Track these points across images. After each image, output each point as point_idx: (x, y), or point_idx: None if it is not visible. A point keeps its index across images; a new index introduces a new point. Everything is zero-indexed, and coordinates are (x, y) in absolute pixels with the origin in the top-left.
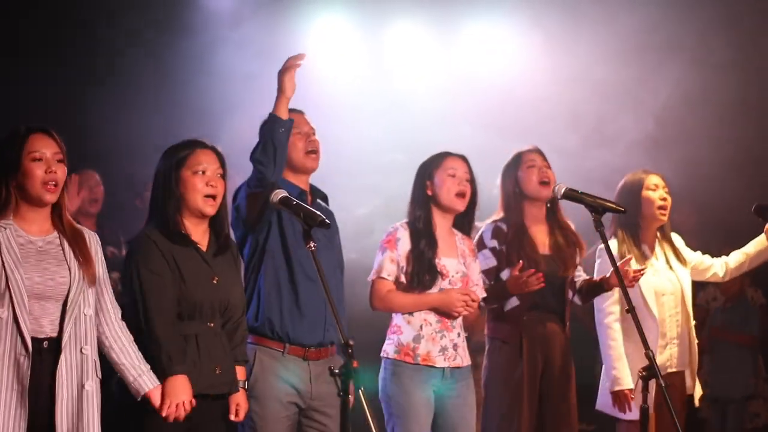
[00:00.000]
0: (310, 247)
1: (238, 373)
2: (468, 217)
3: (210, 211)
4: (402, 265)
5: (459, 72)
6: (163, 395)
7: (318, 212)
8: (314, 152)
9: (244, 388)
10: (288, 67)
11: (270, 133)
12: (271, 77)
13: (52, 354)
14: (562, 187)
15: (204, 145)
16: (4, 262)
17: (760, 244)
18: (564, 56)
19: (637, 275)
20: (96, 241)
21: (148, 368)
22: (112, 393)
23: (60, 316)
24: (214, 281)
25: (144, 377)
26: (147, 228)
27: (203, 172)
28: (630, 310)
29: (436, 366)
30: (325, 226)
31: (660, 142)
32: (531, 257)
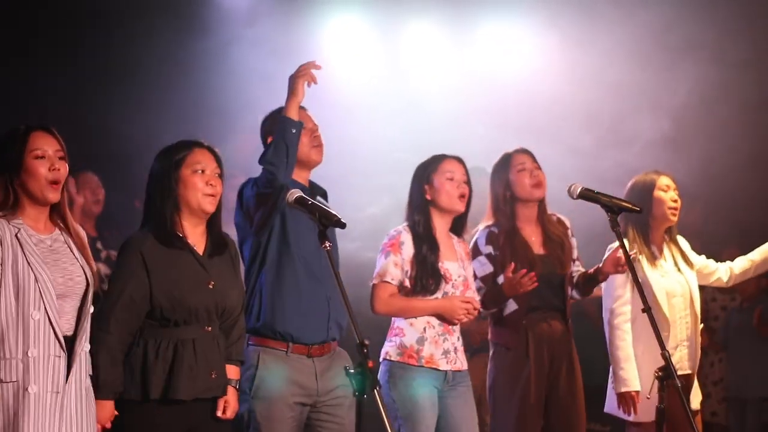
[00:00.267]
0: (326, 247)
1: (232, 372)
2: (464, 219)
3: (210, 208)
4: (406, 269)
5: (474, 72)
6: None
7: (334, 212)
8: (319, 146)
9: (235, 387)
10: (302, 74)
11: (282, 133)
12: (286, 76)
13: (71, 353)
14: (578, 187)
15: (201, 145)
16: (30, 263)
17: (766, 251)
18: (580, 56)
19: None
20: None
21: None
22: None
23: (75, 315)
24: (210, 285)
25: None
26: (140, 232)
27: (202, 171)
28: (646, 309)
29: (440, 369)
30: (341, 225)
31: (676, 142)
32: (526, 259)
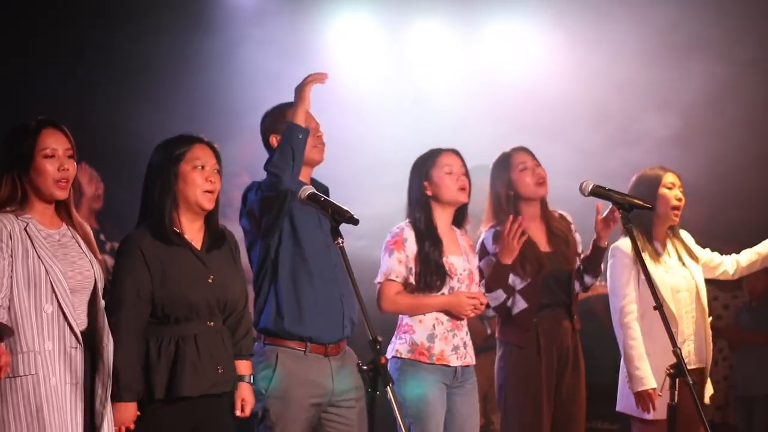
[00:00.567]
0: (338, 243)
1: (244, 367)
2: (465, 210)
3: (209, 205)
4: (411, 266)
5: (481, 71)
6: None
7: (346, 208)
8: (320, 145)
9: (249, 383)
10: (309, 81)
11: (288, 139)
12: (294, 75)
13: (89, 347)
14: (590, 184)
15: (201, 140)
16: (41, 257)
17: None
18: (586, 55)
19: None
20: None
21: None
22: None
23: (87, 309)
24: (210, 280)
25: None
26: (138, 231)
27: (202, 167)
28: (658, 306)
29: (450, 365)
30: (354, 222)
31: (684, 141)
32: (534, 257)
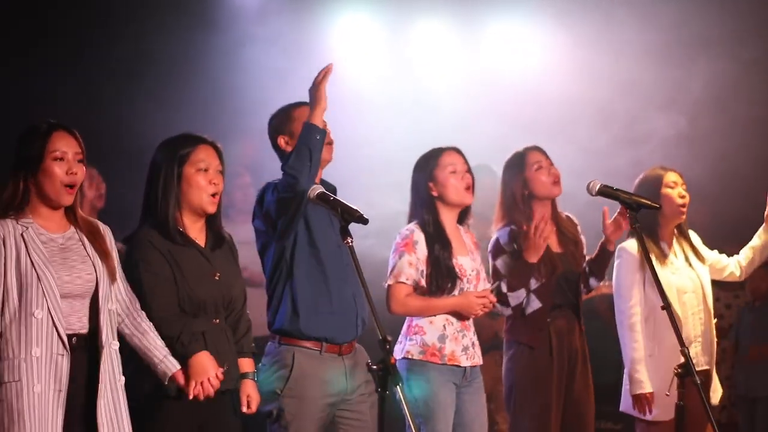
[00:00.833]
0: (348, 243)
1: (247, 364)
2: (468, 208)
3: (212, 209)
4: (422, 269)
5: (483, 71)
6: (187, 378)
7: (356, 207)
8: (329, 144)
9: (253, 379)
10: (322, 80)
11: (306, 140)
12: (297, 74)
13: (82, 350)
14: (597, 184)
15: (204, 141)
16: (34, 263)
17: (764, 232)
18: (591, 54)
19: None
20: (110, 234)
21: (166, 353)
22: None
23: (88, 312)
24: (216, 277)
25: (169, 358)
26: (143, 228)
27: (206, 169)
28: (666, 307)
29: (461, 365)
30: (364, 221)
31: (690, 140)
32: (548, 258)
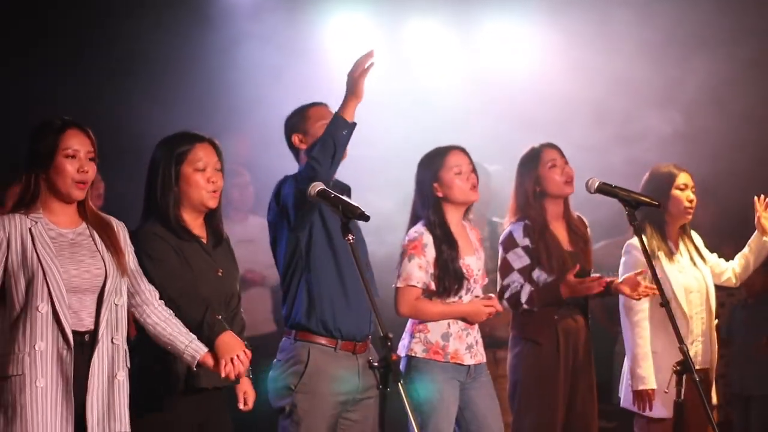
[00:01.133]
0: (349, 240)
1: None
2: (472, 204)
3: (213, 204)
4: (431, 271)
5: (479, 69)
6: (216, 358)
7: (357, 205)
8: None
9: (249, 377)
10: (362, 72)
11: (332, 132)
12: (293, 71)
13: (91, 347)
14: (596, 182)
15: (202, 139)
16: (40, 257)
17: (755, 240)
18: (587, 52)
19: (647, 291)
20: (124, 230)
21: (192, 338)
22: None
23: (96, 308)
24: (219, 273)
25: (196, 342)
26: (149, 223)
27: (204, 168)
28: (665, 304)
29: (464, 363)
30: (365, 218)
31: (687, 138)
32: (559, 255)
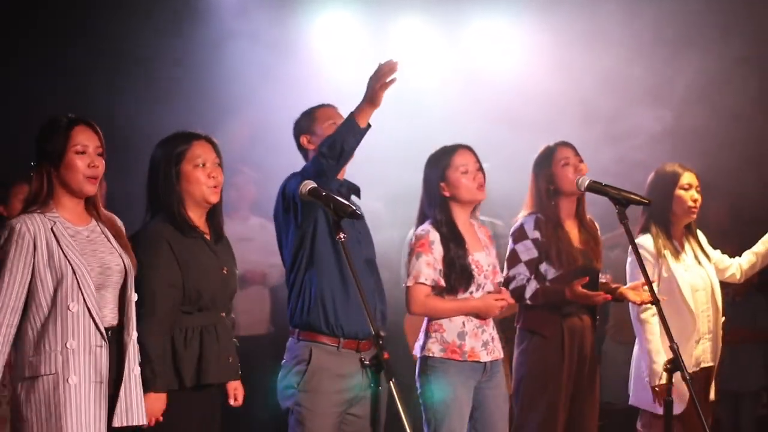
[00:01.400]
0: (340, 238)
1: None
2: (479, 203)
3: (215, 198)
4: (439, 268)
5: (466, 68)
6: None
7: (348, 203)
8: None
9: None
10: (385, 83)
11: (343, 134)
12: (281, 69)
13: (114, 342)
14: (586, 180)
15: (199, 137)
16: (68, 256)
17: None
18: (575, 50)
19: (652, 297)
20: (122, 226)
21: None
22: None
23: (118, 304)
24: (224, 271)
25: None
26: (156, 222)
27: (203, 164)
28: (655, 302)
29: (481, 361)
30: (356, 216)
31: (676, 136)
32: (569, 252)
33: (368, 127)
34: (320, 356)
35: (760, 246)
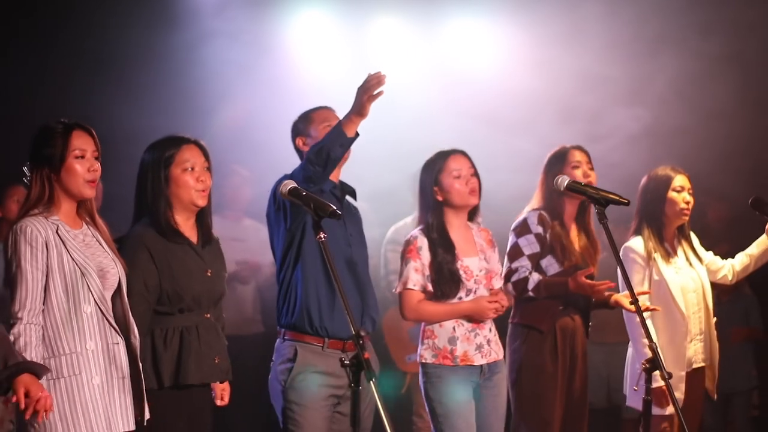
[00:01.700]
0: (320, 239)
1: None
2: (477, 207)
3: (203, 202)
4: (427, 273)
5: (444, 66)
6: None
7: (328, 203)
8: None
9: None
10: (372, 94)
11: (330, 143)
12: (259, 68)
13: (125, 341)
14: (565, 179)
15: (188, 141)
16: (75, 259)
17: (763, 243)
18: (554, 49)
19: (645, 305)
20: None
21: None
22: None
23: (119, 305)
24: (209, 273)
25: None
26: (140, 227)
27: (192, 168)
28: (634, 302)
29: (475, 364)
30: (336, 216)
31: (655, 136)
32: (570, 251)
33: (356, 136)
34: (305, 355)
35: (754, 248)
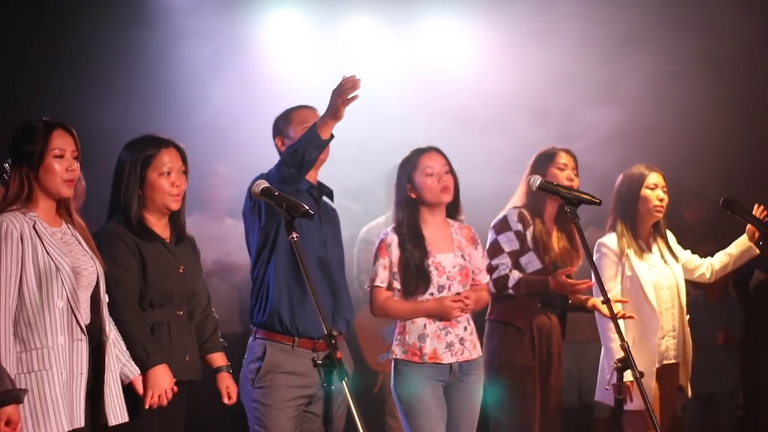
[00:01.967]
0: (293, 238)
1: (220, 359)
2: (455, 203)
3: (175, 206)
4: (395, 271)
5: (417, 66)
6: (145, 386)
7: (301, 203)
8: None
9: (228, 372)
10: (347, 98)
11: (305, 144)
12: (232, 68)
13: (97, 340)
14: (538, 179)
15: (167, 144)
16: (51, 255)
17: (742, 244)
18: (526, 48)
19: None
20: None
21: (128, 357)
22: None
23: (92, 305)
24: (180, 270)
25: (131, 362)
26: (112, 223)
27: (168, 173)
28: (606, 301)
29: (443, 363)
30: (309, 216)
31: (629, 136)
32: (551, 249)
33: (331, 137)
34: (274, 354)
35: (734, 248)
